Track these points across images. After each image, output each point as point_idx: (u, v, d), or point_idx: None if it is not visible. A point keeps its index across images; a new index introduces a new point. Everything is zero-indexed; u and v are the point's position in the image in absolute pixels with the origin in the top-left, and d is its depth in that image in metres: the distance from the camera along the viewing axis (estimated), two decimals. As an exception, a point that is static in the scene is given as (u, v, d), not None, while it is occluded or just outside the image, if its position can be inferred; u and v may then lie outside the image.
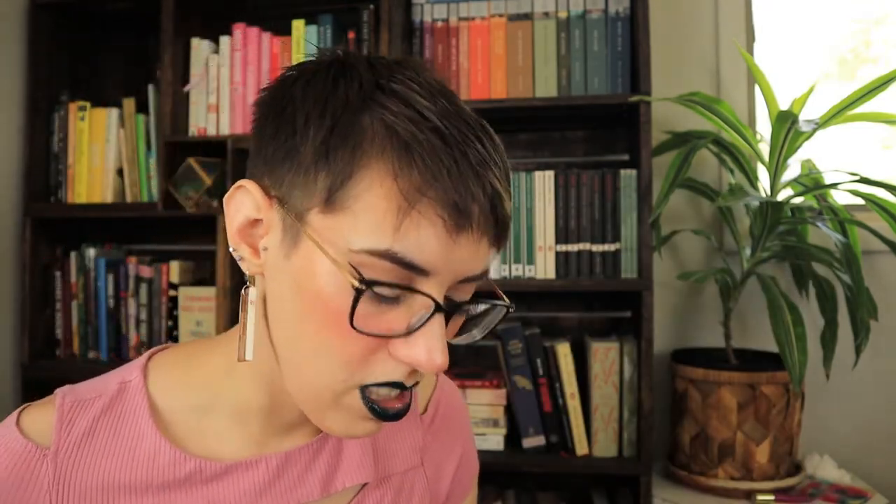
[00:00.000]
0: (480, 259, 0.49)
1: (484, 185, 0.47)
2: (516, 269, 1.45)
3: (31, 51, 1.66)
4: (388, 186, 0.45)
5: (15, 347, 1.66)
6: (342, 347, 0.47)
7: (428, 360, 0.47)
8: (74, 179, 1.66)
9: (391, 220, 0.45)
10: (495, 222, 0.48)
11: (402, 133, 0.46)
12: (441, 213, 0.45)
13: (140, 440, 0.54)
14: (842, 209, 1.41)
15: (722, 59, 1.66)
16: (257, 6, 1.67)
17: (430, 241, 0.45)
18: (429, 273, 0.46)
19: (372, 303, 0.46)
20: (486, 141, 0.49)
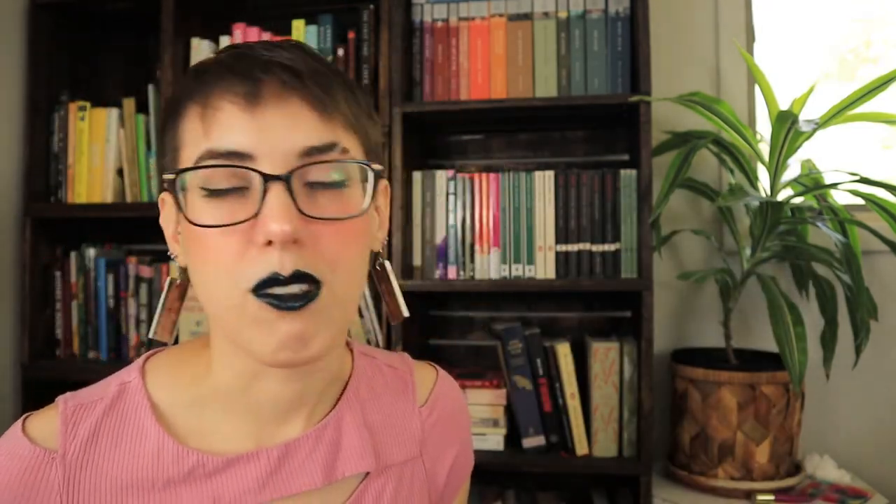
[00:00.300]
0: (303, 126, 0.52)
1: (270, 67, 0.52)
2: (516, 269, 1.45)
3: (31, 51, 1.66)
4: (192, 107, 0.53)
5: (15, 347, 1.66)
6: (215, 257, 0.51)
7: (275, 224, 0.49)
8: (74, 179, 1.66)
9: (199, 128, 0.52)
10: (296, 88, 0.52)
11: (199, 67, 0.55)
12: (232, 99, 0.51)
13: (144, 437, 0.55)
14: (842, 209, 1.41)
15: (722, 59, 1.66)
16: (257, 6, 1.67)
17: (232, 123, 0.51)
18: (251, 155, 0.51)
19: (217, 204, 0.52)
20: (285, 43, 0.55)
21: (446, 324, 1.73)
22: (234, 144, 0.51)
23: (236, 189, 0.51)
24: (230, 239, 0.51)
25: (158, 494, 0.54)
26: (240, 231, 0.51)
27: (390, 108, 1.47)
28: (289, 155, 0.51)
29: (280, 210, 0.49)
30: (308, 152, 0.52)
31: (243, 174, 0.51)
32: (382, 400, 0.67)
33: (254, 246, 0.50)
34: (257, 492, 0.56)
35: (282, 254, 0.50)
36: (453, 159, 1.74)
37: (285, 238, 0.49)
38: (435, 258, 1.48)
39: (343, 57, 1.54)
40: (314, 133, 0.52)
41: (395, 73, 1.47)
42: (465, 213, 1.47)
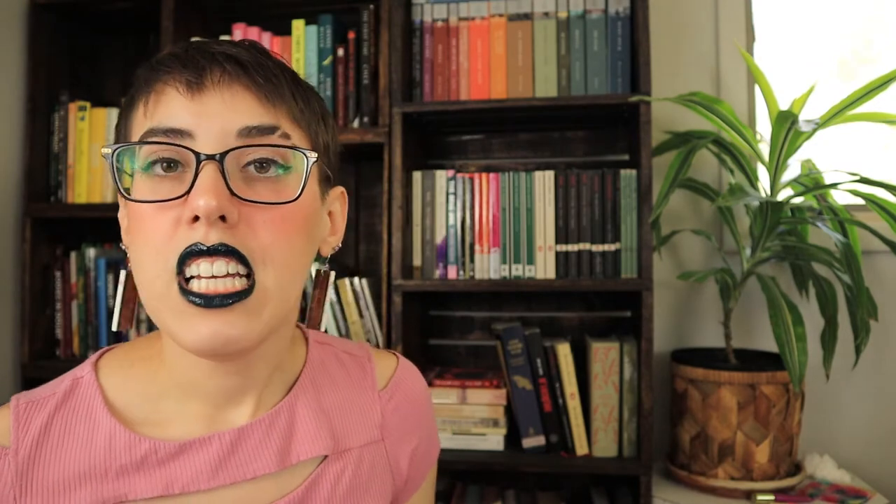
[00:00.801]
0: (241, 108, 0.54)
1: (216, 57, 0.54)
2: (516, 269, 1.45)
3: (31, 51, 1.66)
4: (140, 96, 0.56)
5: (15, 347, 1.66)
6: (148, 237, 0.52)
7: (203, 202, 0.50)
8: (74, 179, 1.66)
9: (142, 111, 0.55)
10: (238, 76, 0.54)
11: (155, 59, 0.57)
12: (174, 84, 0.53)
13: (96, 428, 0.56)
14: (842, 209, 1.41)
15: (722, 59, 1.66)
16: (257, 6, 1.67)
17: (173, 104, 0.53)
18: (190, 133, 0.52)
19: (155, 180, 0.53)
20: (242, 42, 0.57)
21: (446, 324, 1.73)
22: (172, 122, 0.52)
23: (174, 169, 0.53)
24: (164, 217, 0.52)
25: (112, 483, 0.55)
26: (174, 210, 0.52)
27: (390, 108, 1.47)
28: (227, 136, 0.53)
29: (207, 185, 0.50)
30: (246, 133, 0.53)
31: (182, 155, 0.52)
32: (340, 385, 0.68)
33: (182, 224, 0.51)
34: (210, 476, 0.57)
35: (207, 229, 0.50)
36: (453, 159, 1.74)
37: (209, 212, 0.49)
38: (435, 258, 1.48)
39: (343, 57, 1.54)
40: (254, 115, 0.54)
41: (395, 73, 1.47)
42: (465, 213, 1.47)
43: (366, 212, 1.75)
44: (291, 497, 0.60)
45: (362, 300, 1.50)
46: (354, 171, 1.75)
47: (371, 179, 1.74)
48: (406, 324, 1.46)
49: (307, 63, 1.54)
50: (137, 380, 0.59)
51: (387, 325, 1.45)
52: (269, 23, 1.60)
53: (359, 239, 1.75)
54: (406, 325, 1.46)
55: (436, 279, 1.47)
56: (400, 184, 1.45)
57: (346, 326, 1.51)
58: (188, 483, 0.56)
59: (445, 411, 1.46)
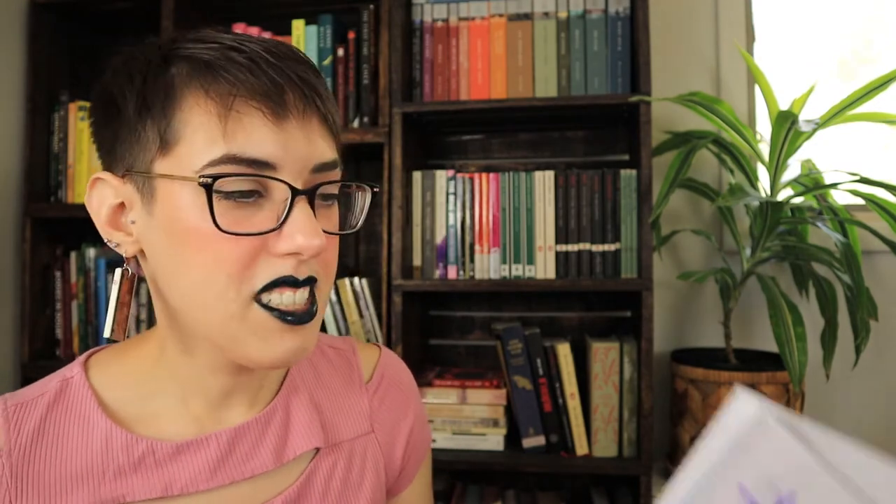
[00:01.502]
0: (318, 142, 0.54)
1: (288, 75, 0.52)
2: (516, 269, 1.45)
3: (31, 51, 1.66)
4: (203, 102, 0.50)
5: (15, 347, 1.66)
6: (220, 262, 0.50)
7: (305, 241, 0.50)
8: (74, 179, 1.66)
9: (217, 128, 0.50)
10: (315, 104, 0.53)
11: (203, 57, 0.51)
12: (257, 105, 0.50)
13: (91, 429, 0.56)
14: (842, 209, 1.41)
15: (722, 59, 1.66)
16: (257, 6, 1.67)
17: (258, 132, 0.50)
18: (274, 165, 0.51)
19: (233, 207, 0.50)
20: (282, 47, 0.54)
21: (446, 324, 1.73)
22: (260, 153, 0.50)
23: (249, 196, 0.51)
24: (242, 246, 0.51)
25: (110, 484, 0.54)
26: (254, 239, 0.51)
27: (390, 108, 1.47)
28: (305, 170, 0.53)
29: (309, 225, 0.51)
30: (319, 168, 0.54)
31: (263, 184, 0.52)
32: (327, 380, 0.68)
33: (268, 255, 0.52)
34: (209, 477, 0.57)
35: (300, 264, 0.52)
36: (453, 159, 1.74)
37: (315, 252, 0.51)
38: (435, 258, 1.47)
39: (343, 57, 1.54)
40: (326, 150, 0.55)
41: (395, 73, 1.47)
42: (465, 213, 1.47)
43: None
44: (288, 493, 0.60)
45: (362, 300, 1.50)
46: (354, 172, 1.75)
47: (371, 179, 1.74)
48: (406, 324, 1.46)
49: (307, 63, 1.54)
50: (131, 378, 0.59)
51: (387, 325, 1.45)
52: (269, 23, 1.60)
53: (359, 239, 1.75)
54: (406, 325, 1.46)
55: (436, 279, 1.47)
56: (400, 184, 1.45)
57: (346, 326, 1.51)
58: (187, 484, 0.56)
59: (445, 411, 1.46)
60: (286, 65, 0.53)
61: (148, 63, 0.53)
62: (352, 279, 1.50)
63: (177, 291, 0.54)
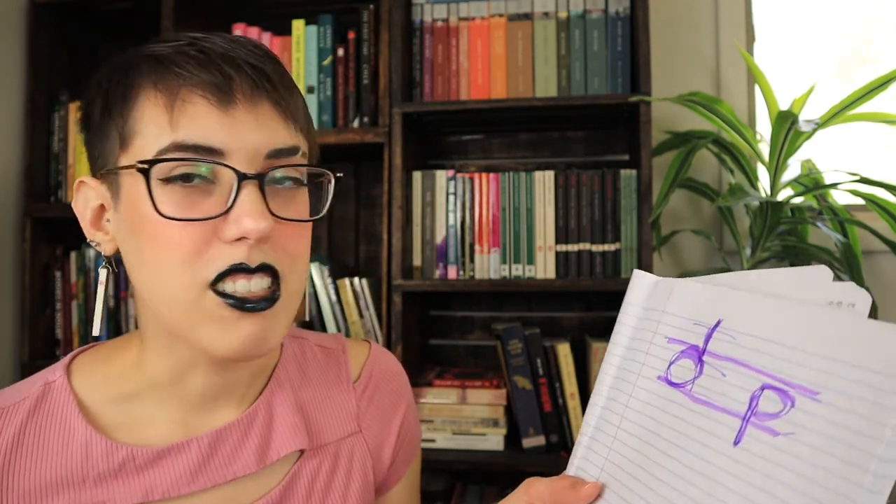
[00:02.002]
0: (271, 128, 0.53)
1: (239, 64, 0.52)
2: (516, 269, 1.45)
3: (31, 51, 1.66)
4: (153, 96, 0.52)
5: (15, 347, 1.66)
6: (174, 248, 0.51)
7: (252, 224, 0.50)
8: (74, 179, 1.66)
9: (165, 118, 0.51)
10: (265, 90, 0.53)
11: (158, 54, 0.53)
12: (202, 93, 0.51)
13: (71, 435, 0.55)
14: (842, 209, 1.41)
15: (722, 59, 1.66)
16: (257, 6, 1.67)
17: (203, 119, 0.51)
18: (222, 151, 0.51)
19: (180, 194, 0.51)
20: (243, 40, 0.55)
21: (446, 324, 1.73)
22: (205, 139, 0.51)
23: (197, 183, 0.52)
24: (194, 232, 0.51)
25: (90, 491, 0.54)
26: (205, 226, 0.51)
27: (390, 108, 1.47)
28: (257, 155, 0.52)
29: (257, 208, 0.51)
30: (275, 154, 0.54)
31: (211, 170, 0.52)
32: (314, 380, 0.67)
33: (219, 241, 0.51)
34: (190, 481, 0.56)
35: (250, 249, 0.51)
36: (453, 159, 1.74)
37: (260, 235, 0.50)
38: (435, 258, 1.48)
39: (343, 57, 1.54)
40: (280, 135, 0.54)
41: (395, 73, 1.47)
42: (465, 213, 1.47)
43: (366, 212, 1.75)
44: (271, 496, 0.60)
45: (362, 300, 1.50)
46: (354, 171, 1.75)
47: (371, 179, 1.74)
48: (406, 324, 1.46)
49: (307, 63, 1.54)
50: (113, 381, 0.59)
51: (387, 325, 1.45)
52: (269, 23, 1.60)
53: (359, 239, 1.75)
54: (406, 325, 1.46)
55: (436, 279, 1.47)
56: (400, 184, 1.45)
57: (346, 326, 1.51)
58: (168, 489, 0.56)
59: (445, 411, 1.46)
60: (239, 54, 0.53)
61: (114, 69, 0.55)
62: (352, 279, 1.50)
63: (142, 284, 0.55)
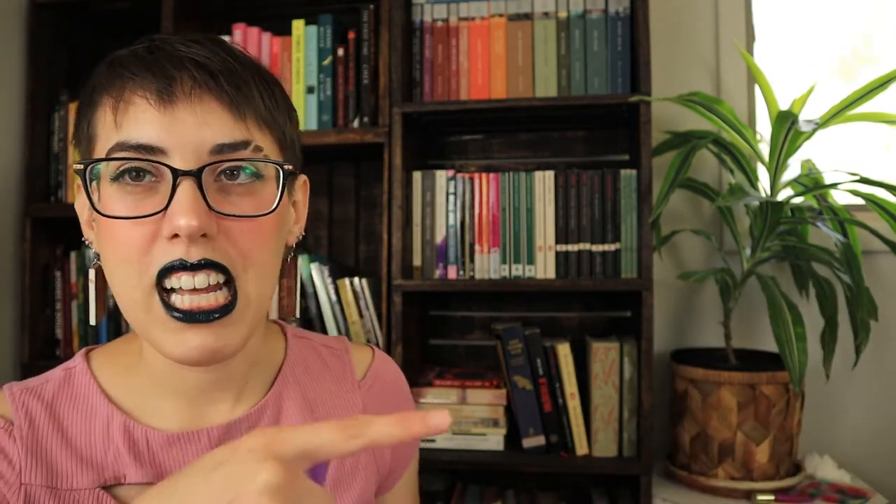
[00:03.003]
0: (215, 123, 0.53)
1: (183, 63, 0.53)
2: (516, 269, 1.45)
3: (31, 51, 1.66)
4: (106, 99, 0.54)
5: (15, 347, 1.66)
6: (121, 247, 0.52)
7: (182, 218, 0.50)
8: (74, 179, 1.66)
9: (111, 120, 0.53)
10: (208, 86, 0.53)
11: (115, 57, 0.55)
12: (143, 94, 0.52)
13: (94, 413, 0.58)
14: (842, 209, 1.41)
15: (722, 59, 1.66)
16: (257, 6, 1.67)
17: (144, 118, 0.52)
18: (163, 149, 0.52)
19: (126, 192, 0.52)
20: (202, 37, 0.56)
21: (446, 324, 1.73)
22: (144, 138, 0.52)
23: (146, 181, 0.52)
24: (138, 230, 0.52)
25: (111, 466, 0.56)
26: (148, 224, 0.52)
27: (390, 108, 1.47)
28: (200, 151, 0.52)
29: (188, 204, 0.50)
30: (219, 150, 0.53)
31: (154, 167, 0.52)
32: (320, 378, 0.68)
33: (161, 238, 0.52)
34: None
35: (189, 246, 0.51)
36: (453, 159, 1.74)
37: (191, 232, 0.50)
38: (435, 258, 1.47)
39: (343, 57, 1.54)
40: (226, 130, 0.53)
41: (395, 73, 1.47)
42: (465, 213, 1.47)
43: (366, 212, 1.75)
44: None
45: (362, 300, 1.50)
46: (354, 171, 1.75)
47: (371, 179, 1.74)
48: (406, 324, 1.46)
49: (307, 63, 1.54)
50: (123, 373, 0.61)
51: (387, 325, 1.45)
52: (269, 23, 1.60)
53: (359, 239, 1.75)
54: (406, 325, 1.46)
55: (436, 279, 1.47)
56: (400, 184, 1.45)
57: (346, 326, 1.51)
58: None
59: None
60: (189, 51, 0.54)
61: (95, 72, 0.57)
62: (352, 279, 1.50)
63: (109, 282, 0.56)
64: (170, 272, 0.51)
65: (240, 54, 0.57)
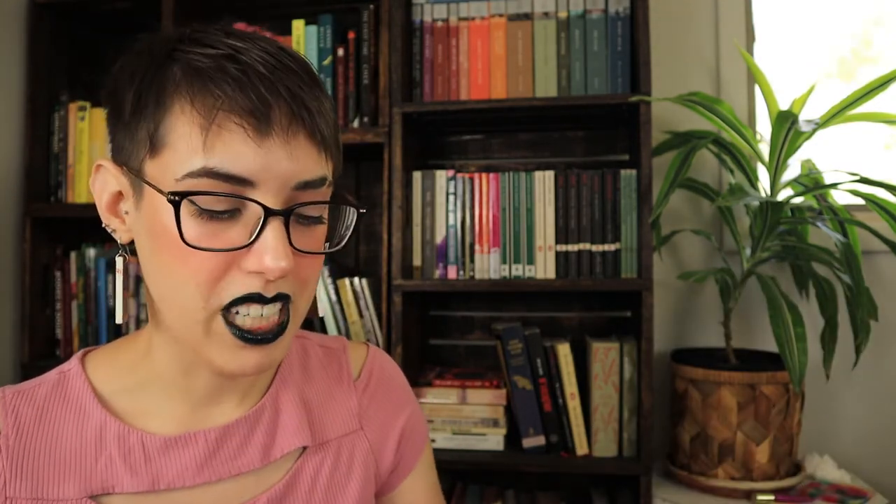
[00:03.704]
0: (303, 159, 0.52)
1: (278, 90, 0.51)
2: (516, 269, 1.45)
3: (31, 51, 1.66)
4: (188, 112, 0.50)
5: (15, 347, 1.66)
6: (192, 272, 0.51)
7: (272, 263, 0.50)
8: (74, 179, 1.66)
9: (198, 140, 0.50)
10: (302, 120, 0.51)
11: (196, 64, 0.51)
12: (239, 121, 0.49)
13: (86, 418, 0.57)
14: (842, 209, 1.41)
15: (722, 59, 1.66)
16: (257, 6, 1.67)
17: (238, 148, 0.49)
18: (252, 182, 0.50)
19: (206, 221, 0.50)
20: (282, 56, 0.53)
21: (446, 324, 1.73)
22: (237, 169, 0.50)
23: (224, 214, 0.51)
24: (216, 259, 0.51)
25: (101, 473, 0.56)
26: (226, 254, 0.51)
27: (390, 108, 1.47)
28: (286, 187, 0.52)
29: (279, 246, 0.50)
30: (303, 186, 0.53)
31: (241, 202, 0.51)
32: (316, 378, 0.69)
33: (238, 270, 0.51)
34: (196, 473, 0.58)
35: (268, 282, 0.52)
36: (453, 159, 1.74)
37: (281, 274, 0.51)
38: (435, 258, 1.47)
39: (343, 57, 1.54)
40: (312, 168, 0.53)
41: (395, 73, 1.47)
42: (464, 213, 1.47)
43: (366, 212, 1.74)
44: (273, 491, 0.61)
45: (362, 300, 1.50)
46: (354, 171, 1.75)
47: (371, 179, 1.74)
48: (406, 324, 1.46)
49: (307, 63, 1.54)
50: (122, 371, 0.60)
51: (387, 325, 1.45)
52: (269, 23, 1.60)
53: (359, 239, 1.75)
54: (406, 325, 1.46)
55: (436, 279, 1.47)
56: (400, 184, 1.45)
57: (346, 326, 1.51)
58: (173, 479, 0.57)
59: (445, 411, 1.46)
60: (278, 77, 0.51)
61: (150, 61, 0.53)
62: (352, 279, 1.51)
63: (156, 289, 0.55)
64: (241, 302, 0.52)
65: (310, 68, 0.56)
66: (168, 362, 0.58)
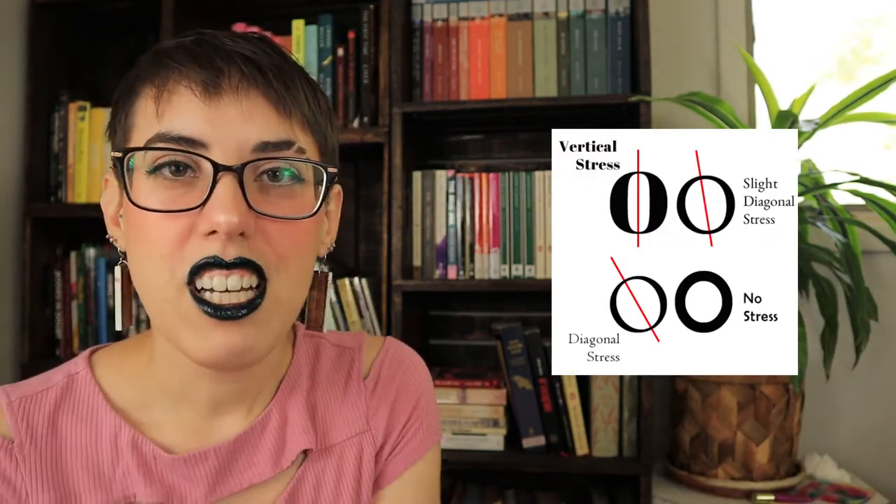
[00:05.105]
0: (259, 119, 0.51)
1: (231, 58, 0.51)
2: (516, 269, 1.45)
3: (31, 51, 1.66)
4: (148, 89, 0.52)
5: (15, 347, 1.66)
6: (154, 242, 0.50)
7: (220, 214, 0.48)
8: (74, 179, 1.66)
9: (153, 110, 0.51)
10: (255, 80, 0.51)
11: (160, 49, 0.54)
12: (189, 85, 0.50)
13: (101, 426, 0.55)
14: (842, 209, 1.41)
15: (722, 59, 1.66)
16: (257, 6, 1.67)
17: (188, 109, 0.50)
18: (204, 143, 0.50)
19: (164, 186, 0.50)
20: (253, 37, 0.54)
21: (446, 324, 1.73)
22: (186, 130, 0.50)
23: (184, 175, 0.51)
24: (172, 225, 0.50)
25: (120, 482, 0.54)
26: (184, 218, 0.50)
27: (390, 108, 1.47)
28: (242, 148, 0.51)
29: (228, 201, 0.49)
30: (262, 147, 0.51)
31: (194, 161, 0.50)
32: (326, 381, 0.66)
33: (196, 235, 0.50)
34: (209, 492, 0.56)
35: (226, 243, 0.49)
36: (453, 159, 1.74)
37: (230, 229, 0.48)
38: (435, 258, 1.47)
39: (343, 57, 1.54)
40: (271, 129, 0.52)
41: (395, 73, 1.47)
42: (464, 213, 1.47)
43: (366, 212, 1.75)
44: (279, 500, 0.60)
45: (362, 300, 1.50)
46: (354, 171, 1.75)
47: (371, 179, 1.74)
48: (406, 324, 1.46)
49: (307, 63, 1.54)
50: (129, 383, 0.58)
51: (387, 325, 1.45)
52: (270, 23, 1.60)
53: (359, 239, 1.75)
54: (406, 325, 1.46)
55: (436, 279, 1.47)
56: (400, 184, 1.45)
57: (346, 326, 1.51)
58: (185, 496, 0.56)
59: (445, 411, 1.46)
60: (236, 47, 0.52)
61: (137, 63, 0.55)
62: (352, 279, 1.50)
63: (135, 281, 0.54)
64: (203, 270, 0.49)
65: (287, 54, 0.56)
66: (170, 375, 0.57)
